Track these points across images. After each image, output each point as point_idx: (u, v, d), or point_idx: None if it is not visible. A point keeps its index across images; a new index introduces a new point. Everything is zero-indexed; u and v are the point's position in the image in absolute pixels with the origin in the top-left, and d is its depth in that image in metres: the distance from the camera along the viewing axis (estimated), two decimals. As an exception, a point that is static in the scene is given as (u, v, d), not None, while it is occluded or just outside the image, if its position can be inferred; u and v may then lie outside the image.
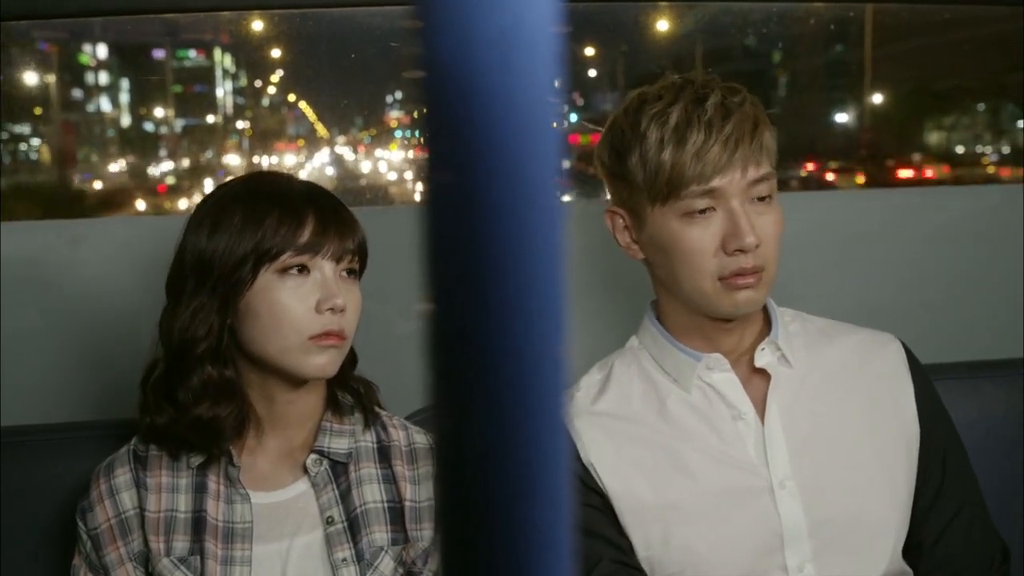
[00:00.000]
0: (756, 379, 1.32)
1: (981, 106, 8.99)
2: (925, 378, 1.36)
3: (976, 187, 2.07)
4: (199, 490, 1.27)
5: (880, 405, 1.33)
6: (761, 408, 1.30)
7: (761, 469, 1.27)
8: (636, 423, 1.31)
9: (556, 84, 0.29)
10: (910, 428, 1.32)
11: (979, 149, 9.06)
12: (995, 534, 1.35)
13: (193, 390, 1.24)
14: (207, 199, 1.30)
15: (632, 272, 1.46)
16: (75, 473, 1.45)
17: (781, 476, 1.26)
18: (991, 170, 8.68)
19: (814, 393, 1.32)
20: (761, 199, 1.26)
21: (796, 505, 1.25)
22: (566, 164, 0.30)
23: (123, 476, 1.29)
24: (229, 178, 1.34)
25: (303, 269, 1.24)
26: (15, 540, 1.50)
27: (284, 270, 1.23)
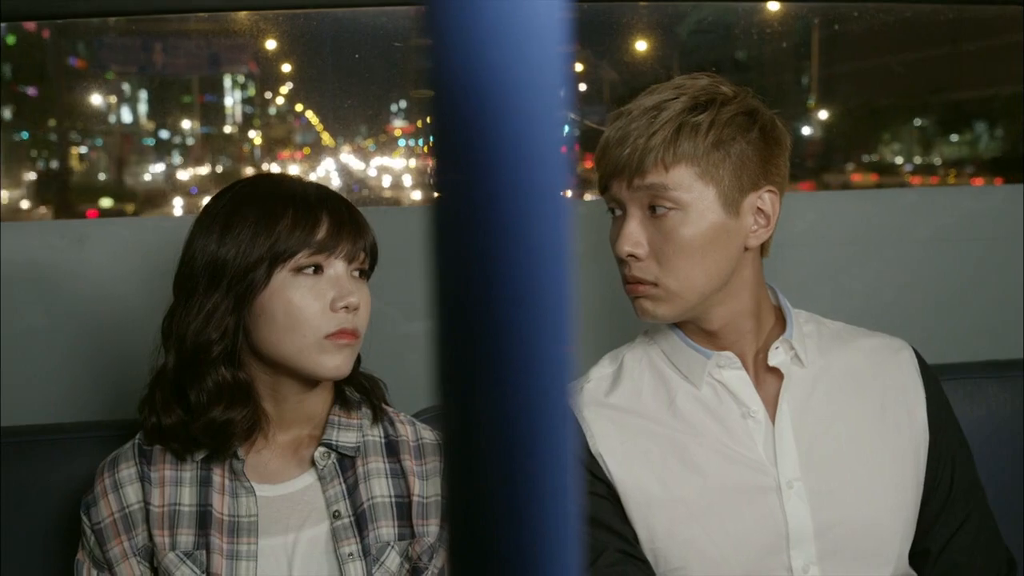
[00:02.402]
0: (769, 378, 1.28)
1: (918, 121, 9.88)
2: (937, 386, 1.33)
3: (980, 187, 2.04)
4: (204, 484, 1.24)
5: (891, 411, 1.29)
6: (772, 407, 1.26)
7: (769, 468, 1.23)
8: (646, 417, 1.28)
9: (563, 86, 0.29)
10: (920, 435, 1.29)
11: (917, 160, 9.91)
12: (1001, 544, 1.32)
13: (208, 392, 1.21)
14: (216, 200, 1.27)
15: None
16: (76, 474, 1.42)
17: (789, 476, 1.23)
18: (907, 179, 9.75)
19: (826, 395, 1.28)
20: (651, 208, 1.21)
21: (803, 506, 1.22)
22: (571, 166, 0.30)
23: (127, 471, 1.25)
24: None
25: (317, 269, 1.21)
26: (16, 541, 1.46)
27: (298, 269, 1.20)
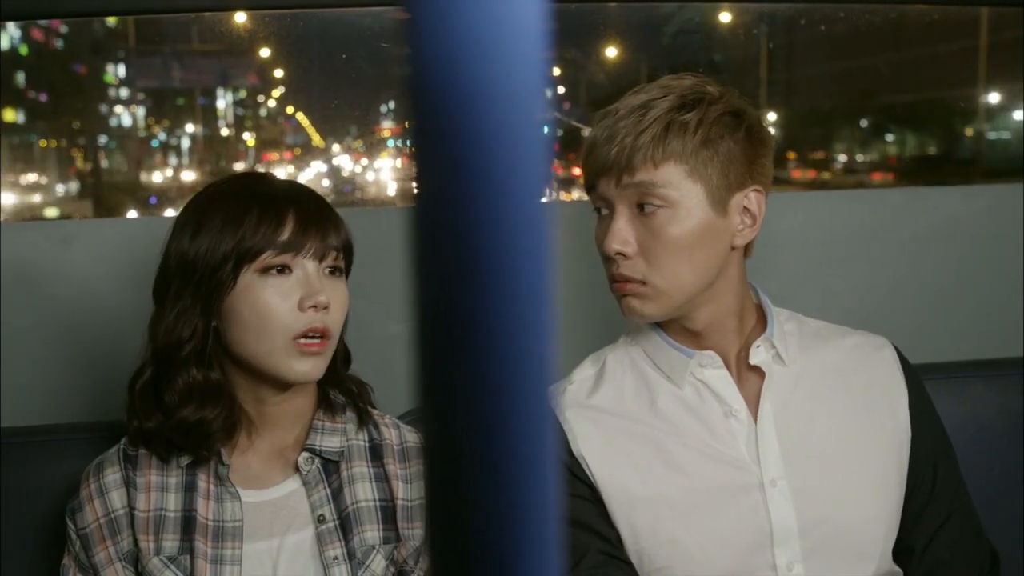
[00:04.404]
0: (751, 377, 1.26)
1: (864, 123, 10.64)
2: (919, 383, 1.31)
3: (973, 187, 2.03)
4: (189, 489, 1.21)
5: (874, 408, 1.27)
6: (754, 406, 1.24)
7: (752, 466, 1.21)
8: (628, 418, 1.25)
9: (544, 85, 0.28)
10: (903, 433, 1.26)
11: (859, 158, 10.65)
12: (984, 540, 1.30)
13: (179, 392, 1.19)
14: (192, 202, 1.24)
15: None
16: (69, 474, 1.38)
17: (773, 474, 1.21)
18: (840, 173, 10.53)
19: (808, 393, 1.26)
20: (639, 206, 1.19)
21: (787, 504, 1.20)
22: (552, 166, 0.30)
23: (113, 476, 1.22)
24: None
25: (284, 269, 1.18)
26: (11, 541, 1.43)
27: (265, 270, 1.17)
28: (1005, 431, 1.58)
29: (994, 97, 9.27)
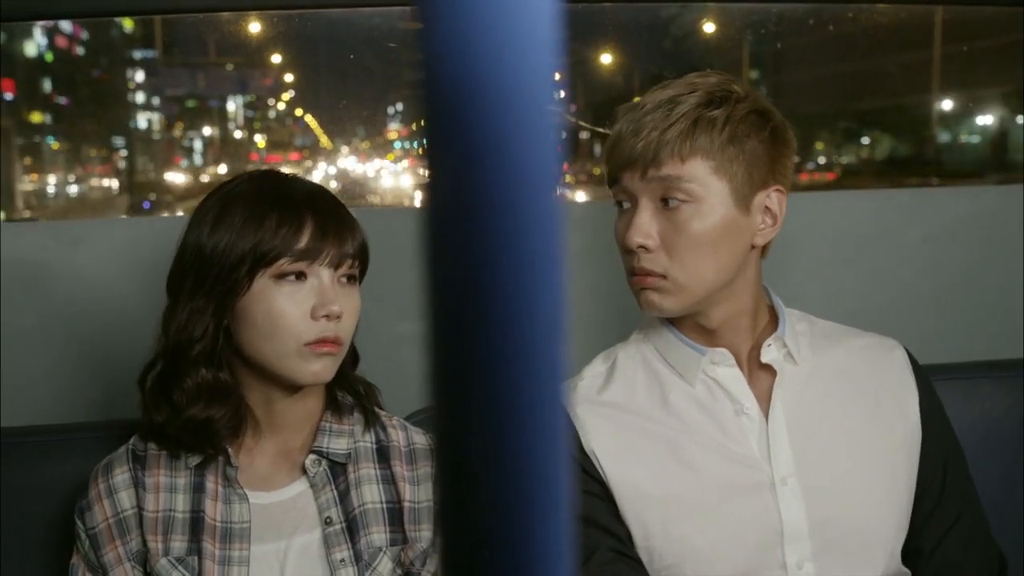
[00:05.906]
0: (762, 375, 1.24)
1: (842, 124, 10.87)
2: (929, 385, 1.29)
3: (976, 188, 2.01)
4: (197, 490, 1.19)
5: (884, 409, 1.24)
6: (765, 404, 1.22)
7: (763, 465, 1.19)
8: (639, 414, 1.23)
9: (555, 87, 0.28)
10: (913, 433, 1.24)
11: (836, 160, 10.89)
12: (993, 543, 1.28)
13: (187, 392, 1.16)
14: (212, 195, 1.21)
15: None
16: (74, 474, 1.36)
17: (783, 472, 1.18)
18: (806, 176, 10.68)
19: (819, 392, 1.24)
20: (664, 200, 1.17)
21: (798, 503, 1.17)
22: (564, 165, 0.29)
23: (121, 476, 1.20)
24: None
25: (300, 276, 1.15)
26: (14, 540, 1.40)
27: (281, 276, 1.14)
28: (1013, 432, 1.55)
29: (956, 103, 9.50)
